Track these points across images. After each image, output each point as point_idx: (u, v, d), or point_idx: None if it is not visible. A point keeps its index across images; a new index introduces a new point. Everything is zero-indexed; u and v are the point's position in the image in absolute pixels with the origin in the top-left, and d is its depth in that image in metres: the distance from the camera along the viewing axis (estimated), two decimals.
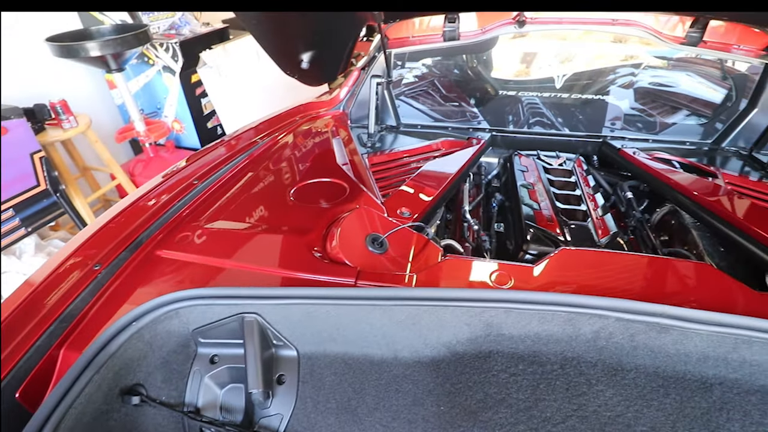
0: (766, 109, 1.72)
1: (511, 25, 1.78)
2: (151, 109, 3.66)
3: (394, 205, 1.32)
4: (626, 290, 0.89)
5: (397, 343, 0.89)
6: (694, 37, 1.70)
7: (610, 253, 1.00)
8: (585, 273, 0.93)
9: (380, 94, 1.99)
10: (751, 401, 0.76)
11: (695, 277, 0.92)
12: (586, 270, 0.94)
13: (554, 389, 0.78)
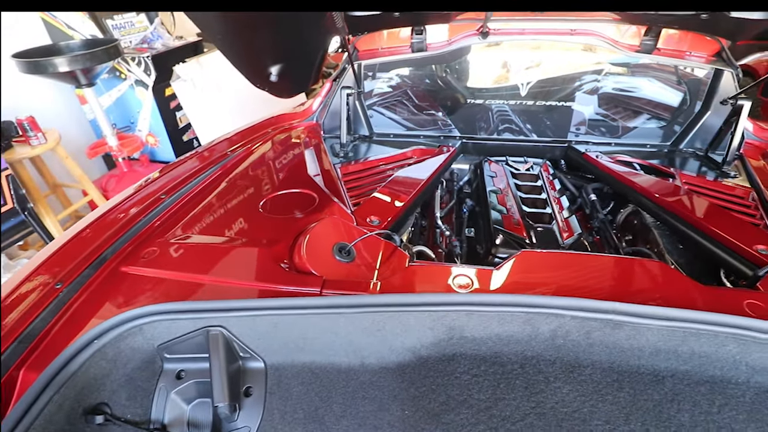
0: (718, 111, 1.81)
1: (475, 36, 1.84)
2: (125, 124, 3.61)
3: (363, 213, 1.34)
4: (583, 289, 0.93)
5: (364, 350, 0.90)
6: (648, 44, 1.78)
7: (569, 254, 1.04)
8: (544, 274, 0.97)
9: (351, 105, 2.02)
10: (701, 391, 0.80)
11: (648, 275, 0.96)
12: (545, 271, 0.97)
13: (514, 388, 0.80)
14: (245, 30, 1.34)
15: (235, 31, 1.34)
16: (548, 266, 0.99)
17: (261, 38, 1.41)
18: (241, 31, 1.33)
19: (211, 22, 1.29)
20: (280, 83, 1.69)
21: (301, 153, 1.71)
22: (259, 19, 1.31)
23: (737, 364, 0.82)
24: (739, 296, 0.89)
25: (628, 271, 0.97)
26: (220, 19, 1.26)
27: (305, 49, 1.66)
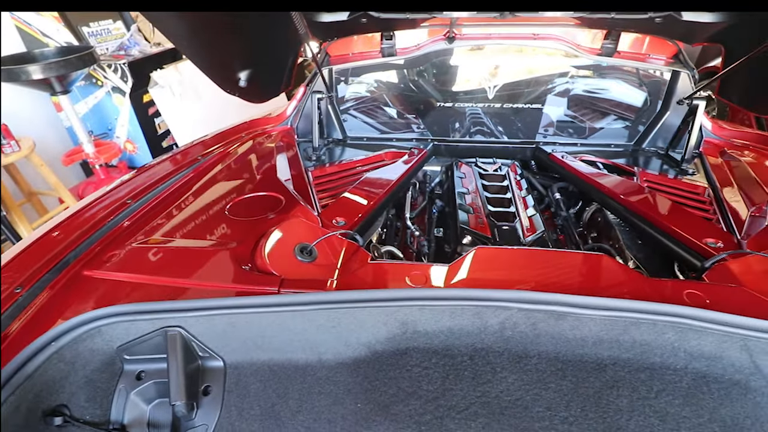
0: (676, 111, 1.87)
1: (442, 41, 1.89)
2: (102, 131, 3.58)
3: (330, 215, 1.36)
4: (532, 283, 0.96)
5: (320, 347, 0.92)
6: (609, 48, 1.84)
7: (521, 250, 1.07)
8: (497, 269, 1.00)
9: (324, 110, 2.04)
10: (640, 378, 0.83)
11: (595, 268, 1.00)
12: (498, 266, 1.01)
13: (462, 379, 0.83)
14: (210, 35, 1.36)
15: (201, 37, 1.36)
16: (501, 262, 1.02)
17: (227, 43, 1.44)
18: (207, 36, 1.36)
19: (175, 27, 1.30)
20: (250, 88, 1.71)
21: (272, 157, 1.73)
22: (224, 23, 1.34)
23: (676, 351, 0.86)
24: (680, 287, 0.93)
25: (577, 265, 1.01)
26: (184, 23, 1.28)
27: (274, 54, 1.69)
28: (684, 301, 0.90)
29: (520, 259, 1.03)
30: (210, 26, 1.30)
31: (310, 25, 1.73)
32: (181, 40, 1.35)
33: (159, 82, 3.49)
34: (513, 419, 0.77)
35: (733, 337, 0.82)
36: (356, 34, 1.90)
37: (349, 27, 1.77)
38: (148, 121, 3.59)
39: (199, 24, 1.27)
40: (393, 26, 1.85)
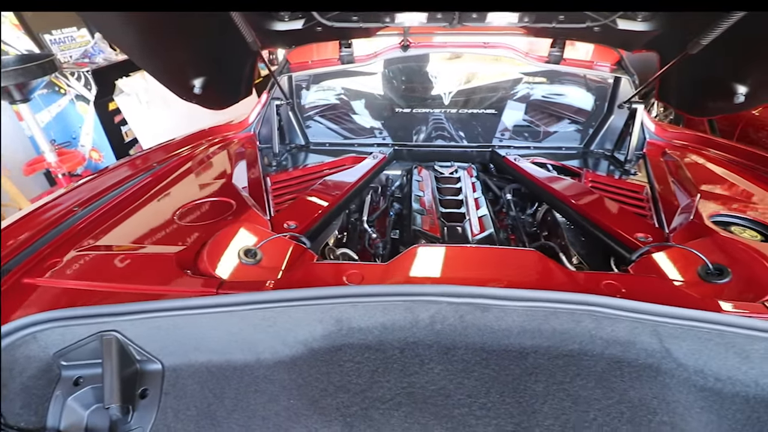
0: (620, 115, 1.97)
1: (397, 49, 1.94)
2: (66, 139, 3.51)
3: (282, 218, 1.38)
4: (463, 278, 1.00)
5: (258, 346, 0.94)
6: (556, 56, 1.93)
7: (456, 248, 1.12)
8: (432, 266, 1.04)
9: (285, 116, 2.07)
10: (558, 364, 0.88)
11: (523, 263, 1.05)
12: (433, 264, 1.05)
13: (390, 371, 0.86)
14: (159, 42, 1.37)
15: (150, 44, 1.37)
16: (437, 259, 1.06)
17: (178, 50, 1.45)
18: (156, 43, 1.37)
19: (122, 34, 1.31)
20: (207, 95, 1.72)
21: (230, 163, 1.75)
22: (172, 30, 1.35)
23: (593, 338, 0.91)
24: (600, 278, 0.99)
25: (508, 261, 1.06)
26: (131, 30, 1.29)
27: (229, 61, 1.71)
28: (601, 290, 0.95)
29: (455, 256, 1.07)
30: (158, 33, 1.31)
31: (268, 34, 1.76)
32: (130, 48, 1.35)
33: (125, 90, 3.45)
34: (434, 407, 0.80)
35: (644, 323, 0.88)
36: (312, 42, 1.94)
37: (305, 36, 1.80)
38: (114, 129, 3.54)
39: (147, 31, 1.28)
40: (349, 35, 1.90)
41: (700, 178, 1.56)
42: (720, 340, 0.87)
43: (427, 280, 0.99)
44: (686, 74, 1.61)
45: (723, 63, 1.45)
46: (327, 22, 1.67)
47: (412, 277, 1.01)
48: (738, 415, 0.88)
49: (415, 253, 1.06)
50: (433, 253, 1.08)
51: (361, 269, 1.02)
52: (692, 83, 1.62)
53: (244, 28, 1.33)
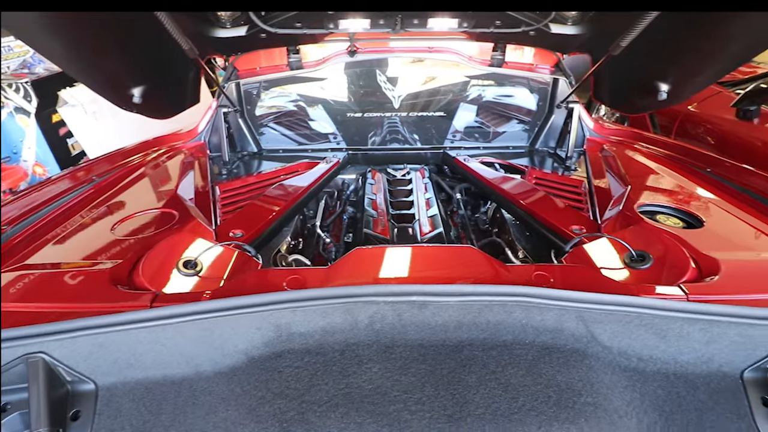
0: (560, 114, 2.07)
1: (345, 54, 1.96)
2: (5, 154, 3.31)
3: (228, 227, 1.37)
4: (402, 277, 1.03)
5: (196, 358, 0.92)
6: (498, 59, 2.01)
7: (396, 248, 1.14)
8: (372, 267, 1.05)
9: (235, 123, 2.05)
10: (492, 355, 0.91)
11: (461, 259, 1.08)
12: (374, 264, 1.06)
13: (329, 374, 0.87)
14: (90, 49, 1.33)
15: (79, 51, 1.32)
16: (378, 260, 1.08)
17: (110, 59, 1.41)
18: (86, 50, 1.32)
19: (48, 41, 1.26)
20: (148, 104, 1.68)
21: (176, 173, 1.71)
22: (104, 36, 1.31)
23: (525, 328, 0.95)
24: (531, 270, 1.04)
25: (445, 258, 1.09)
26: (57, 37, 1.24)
27: (170, 69, 1.67)
28: (532, 281, 1.00)
29: (394, 256, 1.09)
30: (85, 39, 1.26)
31: (210, 41, 1.74)
32: (58, 57, 1.30)
33: (69, 101, 3.30)
34: (371, 405, 0.81)
35: (569, 311, 0.93)
36: (258, 49, 1.93)
37: (250, 42, 1.79)
38: (59, 142, 3.37)
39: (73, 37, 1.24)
40: (294, 41, 1.90)
41: (631, 171, 1.66)
42: (639, 322, 0.93)
43: (366, 282, 1.01)
44: (616, 74, 1.71)
45: (646, 63, 1.55)
46: (271, 28, 1.67)
47: (353, 279, 1.02)
48: (659, 391, 0.94)
49: (355, 255, 1.08)
50: (374, 254, 1.10)
51: (302, 274, 1.02)
52: (621, 83, 1.72)
53: (178, 34, 1.31)
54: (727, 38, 1.30)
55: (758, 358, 0.98)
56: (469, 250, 1.10)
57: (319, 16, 1.65)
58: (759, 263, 1.12)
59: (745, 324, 0.93)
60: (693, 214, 1.32)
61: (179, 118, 1.95)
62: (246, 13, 1.59)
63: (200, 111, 2.19)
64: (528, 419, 0.80)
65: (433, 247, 1.11)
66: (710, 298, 0.97)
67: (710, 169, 1.62)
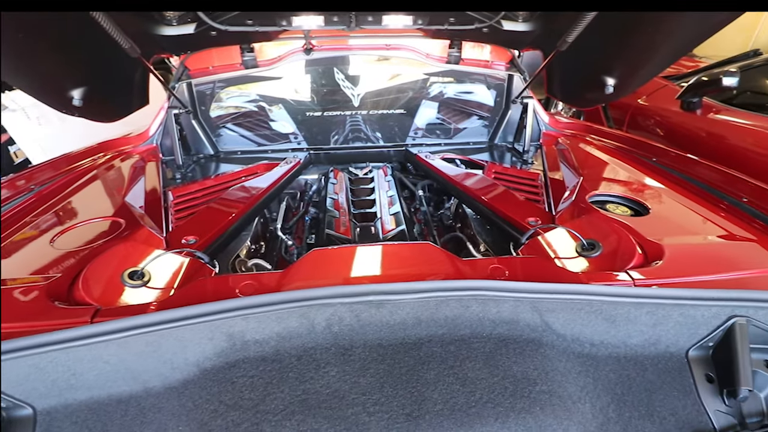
0: (517, 109, 2.11)
1: (301, 52, 1.93)
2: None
3: (180, 234, 1.31)
4: (359, 277, 1.01)
5: (144, 374, 0.88)
6: (455, 56, 2.03)
7: (353, 248, 1.13)
8: (330, 268, 1.04)
9: (188, 125, 1.97)
10: (450, 350, 0.92)
11: (419, 257, 1.08)
12: (331, 266, 1.05)
13: (285, 381, 0.85)
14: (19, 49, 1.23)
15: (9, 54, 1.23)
16: (335, 261, 1.06)
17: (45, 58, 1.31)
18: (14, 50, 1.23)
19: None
20: (91, 107, 1.58)
21: (124, 179, 1.62)
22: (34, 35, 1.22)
23: (482, 321, 0.96)
24: (487, 263, 1.05)
25: (403, 255, 1.09)
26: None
27: (114, 68, 1.58)
28: (488, 275, 1.01)
29: (352, 256, 1.08)
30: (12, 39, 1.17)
31: (156, 40, 1.66)
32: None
33: (9, 106, 3.08)
34: (328, 410, 0.80)
35: (523, 301, 0.94)
36: (208, 48, 1.86)
37: (199, 41, 1.72)
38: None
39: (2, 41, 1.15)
40: (247, 39, 1.85)
41: (584, 163, 1.72)
42: (590, 309, 0.96)
43: (324, 284, 0.99)
44: (566, 70, 1.77)
45: (592, 59, 1.61)
46: (221, 26, 1.61)
47: (310, 282, 1.00)
48: (611, 375, 0.98)
49: (312, 257, 1.06)
50: (331, 255, 1.08)
51: (257, 279, 0.99)
52: (571, 78, 1.78)
53: (117, 33, 1.24)
54: (664, 35, 1.36)
55: (701, 337, 1.03)
56: (426, 247, 1.10)
57: (271, 13, 1.61)
58: (700, 247, 1.19)
59: (687, 305, 0.98)
60: (640, 203, 1.38)
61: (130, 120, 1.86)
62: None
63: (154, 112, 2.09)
64: (485, 412, 0.81)
65: (391, 245, 1.11)
66: (655, 282, 1.01)
67: (656, 159, 1.70)
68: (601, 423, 0.89)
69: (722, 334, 1.01)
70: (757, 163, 2.34)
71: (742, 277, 1.07)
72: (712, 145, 2.67)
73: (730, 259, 1.13)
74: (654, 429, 0.92)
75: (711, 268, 1.07)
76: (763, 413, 1.01)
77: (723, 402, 0.99)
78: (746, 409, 1.00)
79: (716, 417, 0.98)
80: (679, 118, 3.02)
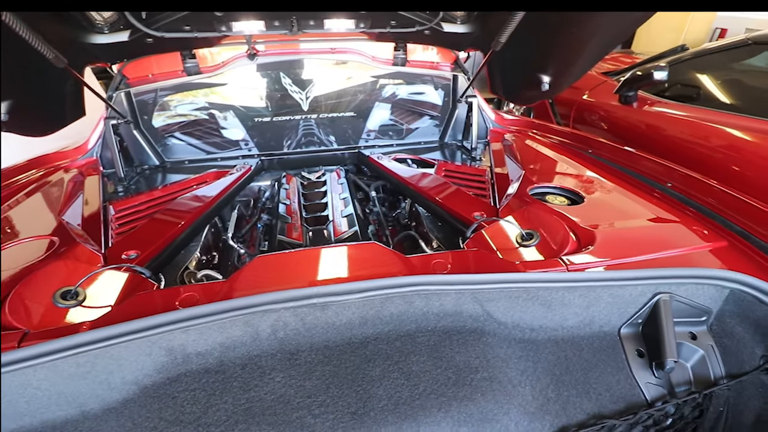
0: (463, 108, 2.18)
1: (244, 57, 1.90)
2: None
3: (121, 249, 1.26)
4: (305, 281, 1.02)
5: (80, 397, 0.84)
6: (401, 58, 2.06)
7: (299, 252, 1.13)
8: (274, 275, 1.03)
9: (129, 136, 1.90)
10: (396, 346, 0.94)
11: (364, 256, 1.10)
12: (276, 271, 1.04)
13: (229, 391, 0.84)
14: None
15: None
16: (280, 267, 1.06)
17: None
18: None
19: None
20: (19, 121, 1.50)
21: (59, 194, 1.54)
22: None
23: (426, 316, 0.98)
24: (430, 258, 1.08)
25: (349, 256, 1.09)
26: None
27: (43, 79, 1.50)
28: (431, 270, 1.04)
29: (296, 261, 1.08)
30: None
31: (88, 48, 1.59)
32: None
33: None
34: (272, 417, 0.80)
35: (465, 293, 0.98)
36: (145, 55, 1.80)
37: (135, 48, 1.67)
38: None
39: None
40: (187, 46, 1.80)
41: (526, 157, 1.79)
42: (527, 296, 1.01)
43: (268, 290, 0.98)
44: (505, 69, 1.84)
45: (528, 57, 1.69)
46: (156, 32, 1.57)
47: (254, 289, 0.99)
48: (550, 357, 1.03)
49: (256, 264, 1.05)
50: (276, 261, 1.07)
51: (198, 291, 0.97)
52: (511, 76, 1.85)
53: (39, 42, 1.18)
54: (589, 33, 1.44)
55: (630, 315, 1.10)
56: (372, 246, 1.11)
57: (209, 19, 1.58)
58: (629, 231, 1.27)
59: (615, 286, 1.04)
60: (576, 192, 1.46)
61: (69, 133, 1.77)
62: (124, 16, 1.47)
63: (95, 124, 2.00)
64: (428, 403, 0.83)
65: (336, 246, 1.11)
66: (587, 266, 1.07)
67: (591, 151, 1.80)
68: (541, 404, 0.93)
69: (649, 311, 1.08)
70: (687, 150, 2.53)
71: (666, 257, 1.15)
72: (648, 136, 2.85)
73: (656, 241, 1.21)
74: (591, 405, 0.98)
75: (639, 249, 1.15)
76: (690, 382, 1.09)
77: (653, 374, 1.07)
78: (674, 379, 1.08)
79: (647, 389, 1.05)
80: (618, 111, 3.21)
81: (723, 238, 1.21)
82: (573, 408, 0.96)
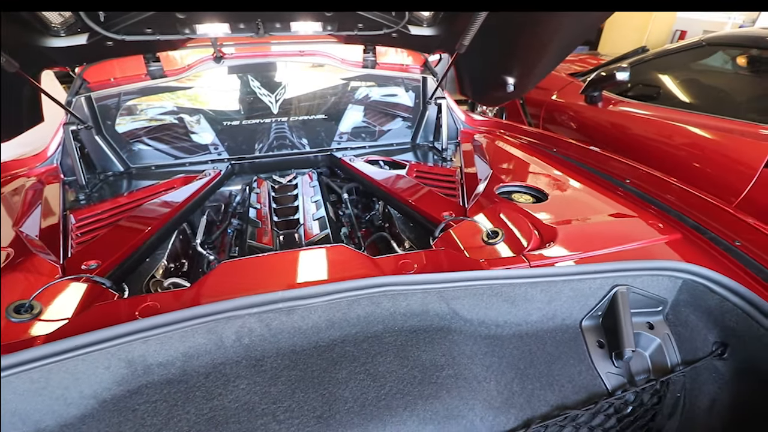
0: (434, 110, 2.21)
1: (210, 60, 1.87)
2: None
3: (80, 259, 1.22)
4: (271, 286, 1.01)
5: (35, 414, 0.81)
6: (370, 60, 2.07)
7: (265, 257, 1.12)
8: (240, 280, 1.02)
9: (90, 142, 1.84)
10: (363, 348, 0.94)
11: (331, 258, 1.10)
12: (241, 277, 1.03)
13: (191, 401, 0.83)
14: None
15: None
16: (246, 272, 1.05)
17: None
18: None
19: None
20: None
21: (14, 204, 1.48)
22: None
23: (394, 316, 0.99)
24: (397, 259, 1.09)
25: (316, 259, 1.09)
26: None
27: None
28: (398, 270, 1.05)
29: (262, 265, 1.07)
30: None
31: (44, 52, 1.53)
32: None
33: None
34: (236, 425, 0.79)
35: (431, 292, 0.99)
36: (106, 59, 1.76)
37: (95, 52, 1.62)
38: None
39: None
40: (150, 49, 1.76)
41: (494, 157, 1.83)
42: (491, 293, 1.03)
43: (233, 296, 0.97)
44: (473, 70, 1.88)
45: (493, 60, 1.72)
46: (116, 35, 1.53)
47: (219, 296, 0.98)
48: (515, 351, 1.06)
49: (221, 270, 1.03)
50: (241, 266, 1.06)
51: (159, 299, 0.95)
52: (478, 78, 1.89)
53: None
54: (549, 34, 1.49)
55: (590, 308, 1.14)
56: (339, 249, 1.11)
57: (172, 21, 1.55)
58: (589, 226, 1.31)
59: (575, 280, 1.08)
60: (541, 191, 1.50)
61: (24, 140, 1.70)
62: (81, 19, 1.42)
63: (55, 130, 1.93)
64: (394, 402, 0.84)
65: (303, 250, 1.11)
66: (548, 262, 1.10)
67: (556, 150, 1.86)
68: (506, 398, 0.95)
69: (608, 303, 1.12)
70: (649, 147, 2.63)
71: (624, 250, 1.19)
72: (613, 134, 2.96)
73: (615, 235, 1.25)
74: (554, 397, 1.01)
75: (598, 244, 1.18)
76: (648, 370, 1.14)
77: (613, 364, 1.11)
78: (634, 368, 1.13)
79: (608, 378, 1.09)
80: (585, 111, 3.31)
81: (678, 231, 1.26)
82: (537, 400, 0.98)
